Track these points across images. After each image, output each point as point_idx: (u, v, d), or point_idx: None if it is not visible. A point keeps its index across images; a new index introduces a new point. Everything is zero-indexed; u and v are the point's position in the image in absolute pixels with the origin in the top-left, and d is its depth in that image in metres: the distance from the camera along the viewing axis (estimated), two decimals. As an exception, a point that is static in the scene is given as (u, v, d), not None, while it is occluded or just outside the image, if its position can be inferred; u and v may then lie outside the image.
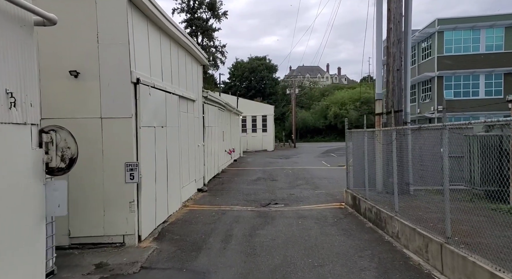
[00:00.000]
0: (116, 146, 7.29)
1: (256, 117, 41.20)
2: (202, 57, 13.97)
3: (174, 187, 10.00)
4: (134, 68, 7.43)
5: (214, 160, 17.37)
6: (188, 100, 12.19)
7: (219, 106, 18.97)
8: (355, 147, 10.90)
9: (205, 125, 15.05)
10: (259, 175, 18.45)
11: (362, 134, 9.77)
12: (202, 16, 72.03)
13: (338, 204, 11.06)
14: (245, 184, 15.47)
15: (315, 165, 23.57)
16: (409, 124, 9.57)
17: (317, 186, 14.59)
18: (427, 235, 5.73)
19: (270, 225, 8.80)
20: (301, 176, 17.88)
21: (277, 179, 16.92)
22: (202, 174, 14.55)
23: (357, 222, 8.85)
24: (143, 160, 7.67)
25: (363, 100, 68.18)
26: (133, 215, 7.32)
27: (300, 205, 11.23)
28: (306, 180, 16.33)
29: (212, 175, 16.96)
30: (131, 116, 7.32)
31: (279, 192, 13.54)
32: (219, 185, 15.42)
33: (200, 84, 14.66)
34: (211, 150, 16.52)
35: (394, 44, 9.34)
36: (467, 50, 31.99)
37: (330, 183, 15.26)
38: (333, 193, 12.90)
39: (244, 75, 73.99)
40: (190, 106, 12.52)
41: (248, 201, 11.96)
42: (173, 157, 10.01)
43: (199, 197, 12.63)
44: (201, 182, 14.43)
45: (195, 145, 13.36)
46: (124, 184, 7.24)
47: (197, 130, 13.71)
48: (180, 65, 11.32)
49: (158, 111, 8.79)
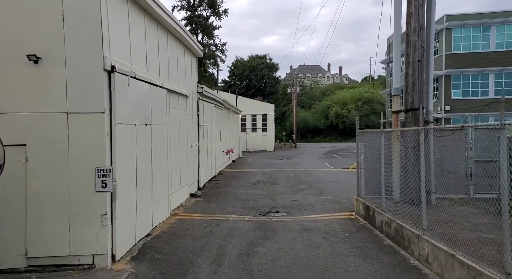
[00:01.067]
0: (85, 147, 6.02)
1: (256, 116, 39.92)
2: (197, 48, 12.69)
3: (160, 194, 8.73)
4: (108, 53, 6.16)
5: (210, 162, 16.10)
6: (180, 96, 10.91)
7: (216, 104, 17.69)
8: (367, 149, 9.63)
9: (200, 123, 13.78)
10: (258, 178, 17.18)
11: (377, 135, 8.51)
12: (202, 14, 70.75)
13: (347, 214, 9.78)
14: (243, 188, 14.20)
15: (317, 166, 22.29)
16: (431, 124, 8.29)
17: (322, 191, 13.31)
18: (474, 266, 4.46)
19: (271, 240, 7.53)
20: (303, 179, 16.61)
21: (277, 183, 15.65)
22: (196, 177, 13.28)
23: (373, 238, 7.57)
24: (120, 163, 6.40)
25: (364, 100, 66.96)
26: (105, 230, 6.05)
27: (305, 214, 9.96)
28: (309, 184, 15.05)
29: (208, 178, 15.69)
30: (103, 111, 6.05)
31: (280, 197, 12.27)
32: (215, 189, 14.14)
33: (195, 78, 13.38)
34: (207, 150, 15.25)
35: (415, 31, 8.06)
36: (476, 48, 30.68)
37: (336, 188, 13.98)
38: (341, 200, 11.62)
39: (244, 74, 72.74)
40: (182, 103, 11.24)
41: (246, 208, 10.69)
42: (160, 159, 8.74)
43: (191, 203, 11.35)
44: (195, 186, 13.16)
45: (188, 145, 12.09)
46: (95, 193, 5.97)
47: (190, 129, 12.45)
48: (170, 55, 10.04)
49: (140, 106, 7.51)
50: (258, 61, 73.44)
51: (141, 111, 7.56)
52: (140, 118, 7.47)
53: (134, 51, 7.33)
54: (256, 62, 73.29)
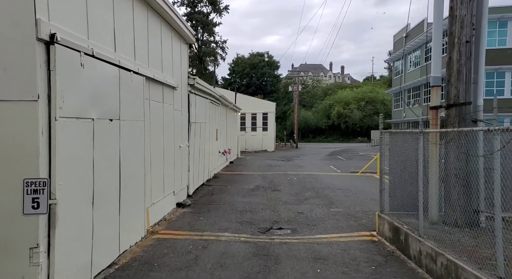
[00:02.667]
0: (8, 150, 4.18)
1: (256, 115, 38.05)
2: (188, 33, 10.83)
3: (133, 209, 6.88)
4: (45, 15, 4.30)
5: (204, 164, 14.25)
6: (164, 87, 9.06)
7: (211, 99, 15.82)
8: (393, 153, 7.78)
9: (192, 121, 11.92)
10: (258, 182, 15.33)
11: (410, 137, 6.66)
12: (202, 10, 69.16)
13: (367, 234, 7.93)
14: (240, 196, 12.34)
15: (323, 170, 20.44)
16: (481, 124, 6.43)
17: (331, 201, 11.45)
18: None
19: (273, 275, 5.68)
20: (308, 184, 14.75)
21: (279, 189, 13.80)
22: (185, 183, 11.43)
23: (410, 275, 5.70)
24: (64, 173, 4.55)
25: (367, 100, 65.06)
26: (36, 270, 4.20)
27: (314, 232, 8.12)
28: (316, 191, 13.20)
29: (201, 182, 13.84)
30: (36, 98, 4.20)
31: (283, 208, 10.42)
32: (208, 196, 12.29)
33: (185, 68, 11.52)
34: (200, 151, 13.39)
35: (462, 2, 6.22)
36: (491, 45, 28.75)
37: (347, 197, 12.12)
38: (355, 214, 9.77)
39: (245, 71, 70.91)
40: (168, 95, 9.39)
41: (242, 223, 8.85)
42: (134, 165, 6.89)
43: (177, 215, 9.50)
44: (184, 193, 11.31)
45: (176, 146, 10.25)
46: (22, 216, 4.13)
47: (179, 127, 10.60)
48: (151, 36, 8.19)
49: (102, 95, 5.66)
50: (259, 59, 71.54)
51: (104, 102, 5.71)
52: (102, 111, 5.62)
53: (93, 21, 5.46)
54: (257, 59, 71.39)
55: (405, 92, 41.91)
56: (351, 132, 64.83)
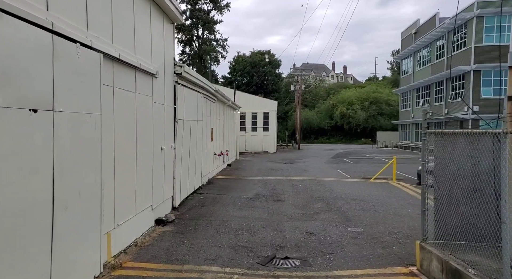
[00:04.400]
0: None
1: (256, 114, 36.03)
2: (173, 8, 8.81)
3: (80, 237, 4.84)
4: None
5: (195, 169, 12.23)
6: (138, 72, 7.05)
7: (205, 94, 13.81)
8: (440, 162, 5.73)
9: (179, 117, 9.91)
10: (257, 190, 13.32)
11: (482, 138, 4.62)
12: (203, 8, 67.20)
13: (405, 271, 5.87)
14: (236, 208, 10.32)
15: (330, 174, 18.40)
16: None
17: (347, 216, 9.42)
18: None
19: None
20: (317, 193, 12.73)
21: (283, 198, 11.78)
22: (169, 193, 9.41)
23: None
24: None
25: (372, 100, 62.93)
26: None
27: (331, 263, 6.10)
28: (326, 202, 11.16)
29: (191, 190, 11.83)
30: None
31: (288, 226, 8.40)
32: (197, 208, 10.26)
33: (170, 53, 9.50)
34: (190, 153, 11.38)
35: None
36: None
37: (365, 211, 10.08)
38: (380, 236, 7.73)
39: (246, 70, 68.95)
40: (143, 83, 7.37)
41: (236, 248, 6.83)
42: (82, 175, 4.86)
43: (154, 237, 7.48)
44: (167, 206, 9.30)
45: (156, 148, 8.24)
46: None
47: (161, 124, 8.59)
48: (118, 3, 6.16)
49: (16, 70, 3.64)
50: (261, 57, 69.49)
51: (21, 82, 3.69)
52: (15, 96, 3.60)
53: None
54: (258, 57, 69.35)
55: (413, 92, 39.87)
56: (354, 133, 62.76)
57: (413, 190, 13.55)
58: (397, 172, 16.76)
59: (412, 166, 22.36)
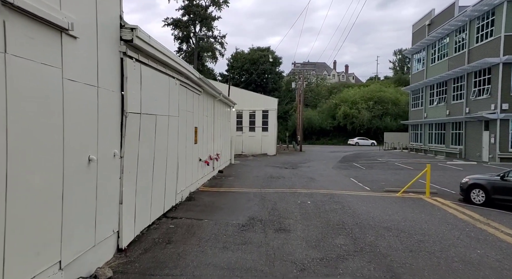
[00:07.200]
0: None
1: (255, 112, 32.58)
2: None
3: None
4: None
5: (164, 183, 8.76)
6: (14, 15, 3.58)
7: (183, 81, 10.33)
8: None
9: (128, 110, 6.45)
10: (253, 210, 9.86)
11: None
12: (201, 3, 63.80)
13: None
14: (218, 247, 6.84)
15: (344, 185, 14.92)
16: None
17: (390, 266, 5.95)
18: None
19: None
20: (333, 217, 9.26)
21: (288, 226, 8.32)
22: (110, 227, 5.95)
23: None
24: None
25: (376, 99, 59.46)
26: None
27: None
28: (351, 235, 7.70)
29: (157, 215, 8.36)
30: None
31: (301, 292, 4.94)
32: (159, 248, 6.78)
33: (115, 8, 6.01)
34: (154, 163, 7.92)
35: None
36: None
37: (413, 252, 6.60)
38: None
39: (244, 67, 65.48)
40: (35, 42, 3.91)
41: None
42: None
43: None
44: (107, 250, 5.83)
45: (75, 159, 4.78)
46: None
47: (90, 119, 5.13)
48: None
49: None
50: (260, 54, 66.02)
51: None
52: None
53: None
54: (257, 54, 65.89)
55: (426, 89, 36.45)
56: (357, 134, 59.26)
57: (461, 211, 10.11)
58: (422, 181, 13.39)
59: (437, 172, 18.92)
